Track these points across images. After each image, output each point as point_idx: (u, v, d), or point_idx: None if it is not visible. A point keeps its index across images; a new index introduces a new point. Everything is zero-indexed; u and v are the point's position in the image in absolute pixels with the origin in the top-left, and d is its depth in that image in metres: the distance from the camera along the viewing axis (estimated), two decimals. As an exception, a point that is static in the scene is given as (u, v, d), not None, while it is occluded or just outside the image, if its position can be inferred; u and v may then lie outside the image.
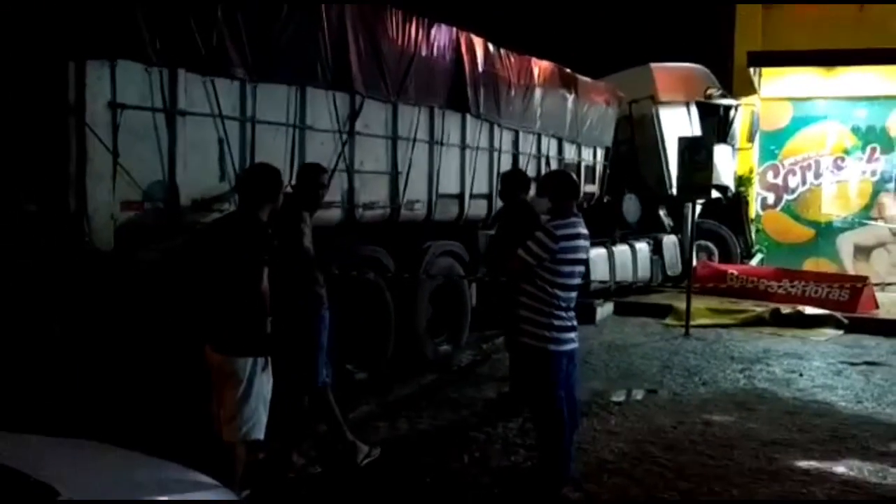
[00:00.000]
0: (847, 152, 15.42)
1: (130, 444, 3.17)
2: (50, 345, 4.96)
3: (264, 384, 4.31)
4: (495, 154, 8.98)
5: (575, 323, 5.02)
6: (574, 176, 5.85)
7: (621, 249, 12.01)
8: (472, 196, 8.55)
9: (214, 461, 4.02)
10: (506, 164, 9.14)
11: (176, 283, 5.16)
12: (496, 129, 8.95)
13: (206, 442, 4.36)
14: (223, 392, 4.29)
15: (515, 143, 9.47)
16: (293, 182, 5.62)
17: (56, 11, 4.69)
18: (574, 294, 4.98)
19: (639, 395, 7.41)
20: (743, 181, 15.28)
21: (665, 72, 13.72)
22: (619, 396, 7.32)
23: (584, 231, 5.00)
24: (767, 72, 15.62)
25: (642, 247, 12.56)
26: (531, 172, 9.26)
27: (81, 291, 4.96)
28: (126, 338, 5.01)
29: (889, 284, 13.67)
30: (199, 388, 4.57)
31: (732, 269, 13.05)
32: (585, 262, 5.23)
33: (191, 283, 4.76)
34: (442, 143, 7.96)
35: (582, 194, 11.02)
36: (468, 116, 8.34)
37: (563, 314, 4.89)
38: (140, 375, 5.06)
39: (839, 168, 15.50)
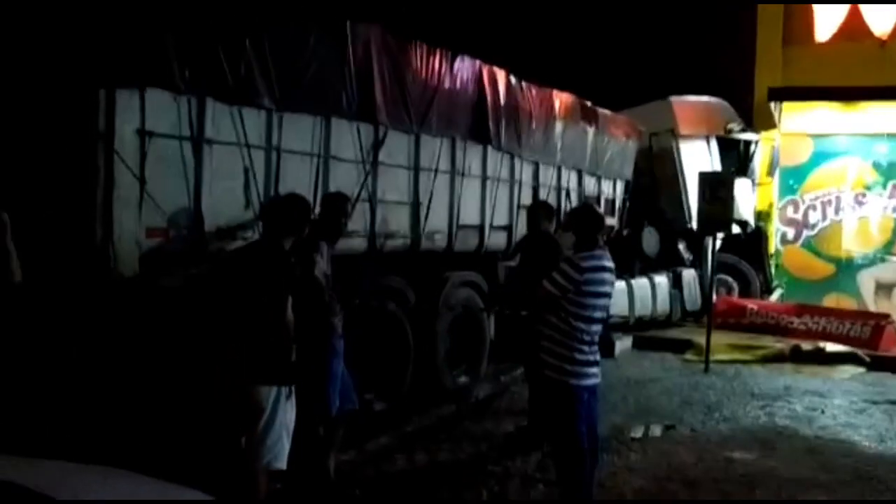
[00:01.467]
0: (868, 188, 15.34)
1: (146, 470, 3.17)
2: (68, 370, 4.97)
3: (288, 413, 4.32)
4: (516, 186, 9.00)
5: (598, 357, 4.98)
6: (599, 210, 5.84)
7: (641, 283, 11.97)
8: (492, 227, 8.56)
9: (236, 488, 4.01)
10: (526, 196, 9.15)
11: (198, 309, 5.18)
12: (517, 161, 8.98)
13: (225, 468, 4.35)
14: (246, 420, 4.29)
15: (536, 175, 9.49)
16: (317, 211, 5.65)
17: (87, 39, 4.76)
18: (597, 328, 4.94)
19: (658, 430, 7.33)
20: (762, 216, 15.22)
21: (685, 105, 13.75)
22: (637, 432, 7.24)
23: (610, 264, 4.98)
24: (788, 107, 15.61)
25: (662, 281, 12.51)
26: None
27: (104, 317, 4.98)
28: (147, 364, 5.01)
29: (911, 322, 13.52)
30: (220, 417, 4.56)
31: (752, 305, 12.97)
32: (609, 296, 5.20)
33: (214, 311, 4.77)
34: (463, 175, 7.98)
35: (602, 227, 11.00)
36: (489, 148, 8.36)
37: (586, 348, 4.86)
38: (160, 401, 5.06)
39: (860, 203, 15.41)
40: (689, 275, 13.23)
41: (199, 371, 5.02)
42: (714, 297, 12.42)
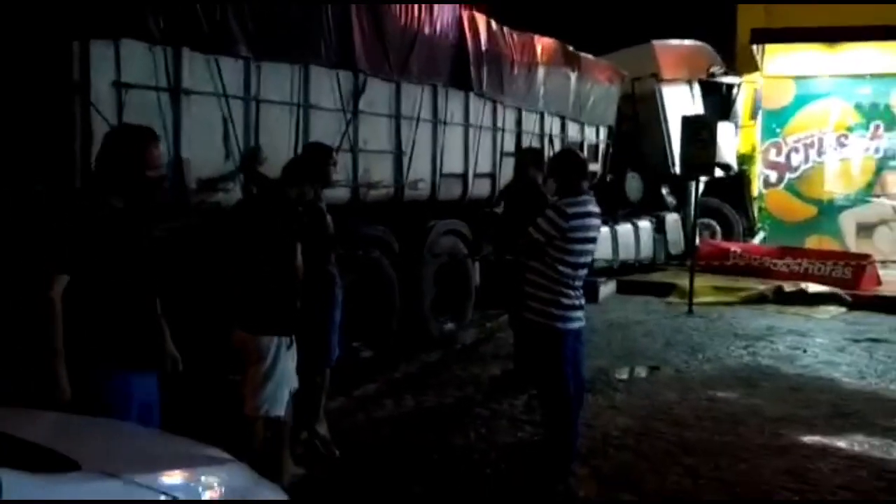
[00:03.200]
0: (850, 129, 15.38)
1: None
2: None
3: (288, 362, 4.37)
4: (499, 133, 8.96)
5: (583, 301, 5.02)
6: (582, 155, 5.84)
7: (624, 228, 12.03)
8: (475, 175, 8.54)
9: (236, 437, 4.06)
10: (509, 144, 9.13)
11: (184, 261, 5.17)
12: (499, 108, 8.94)
13: (227, 418, 4.39)
14: (247, 369, 4.34)
15: (519, 121, 9.45)
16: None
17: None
18: (583, 273, 4.98)
19: (642, 372, 7.45)
20: (745, 159, 15.25)
21: (668, 49, 13.69)
22: (622, 373, 7.35)
23: (596, 209, 4.99)
24: (770, 49, 15.53)
25: (645, 225, 12.58)
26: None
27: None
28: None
29: (892, 262, 13.71)
30: (212, 367, 4.59)
31: (735, 247, 13.07)
32: (594, 241, 5.22)
33: (219, 262, 4.79)
34: (445, 122, 7.94)
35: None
36: (471, 95, 8.32)
37: (572, 293, 4.90)
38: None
39: (842, 145, 15.46)
40: (672, 219, 13.30)
41: (185, 322, 5.04)
42: (697, 240, 12.50)
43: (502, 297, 7.97)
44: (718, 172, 12.71)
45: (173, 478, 2.37)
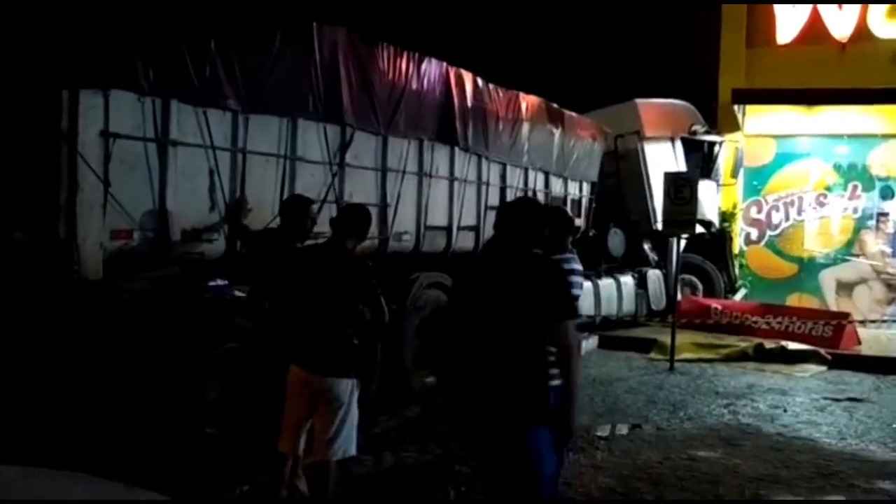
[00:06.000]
0: (829, 189, 15.60)
1: (112, 474, 3.15)
2: (34, 373, 4.92)
3: (356, 404, 4.49)
4: (483, 187, 9.04)
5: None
6: (569, 213, 5.90)
7: (606, 283, 12.06)
8: (460, 228, 8.59)
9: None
10: (494, 197, 9.20)
11: (163, 311, 5.15)
12: (484, 162, 9.03)
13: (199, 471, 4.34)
14: (323, 414, 4.42)
15: (503, 176, 9.54)
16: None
17: (51, 40, 4.72)
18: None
19: (624, 429, 7.41)
20: (727, 216, 15.40)
21: (650, 107, 13.88)
22: (603, 431, 7.31)
23: (579, 267, 5.02)
24: (751, 109, 15.84)
25: (627, 280, 12.62)
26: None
27: (69, 319, 4.94)
28: (113, 366, 4.98)
29: (872, 321, 13.82)
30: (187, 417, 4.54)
31: (716, 304, 13.12)
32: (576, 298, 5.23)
33: (281, 307, 4.85)
34: (431, 176, 8.01)
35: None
36: (457, 149, 8.41)
37: (552, 348, 4.88)
38: (125, 403, 5.02)
39: (821, 204, 15.67)
40: (654, 275, 13.35)
41: (162, 372, 5.01)
42: (679, 296, 12.57)
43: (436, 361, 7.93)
44: (700, 229, 12.80)
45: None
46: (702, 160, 13.94)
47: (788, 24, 15.31)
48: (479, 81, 8.72)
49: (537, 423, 3.48)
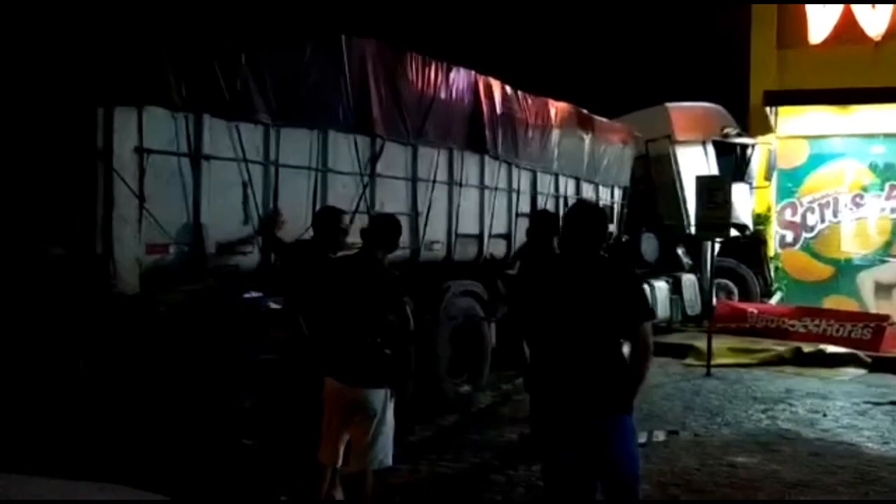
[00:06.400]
0: (865, 189, 15.37)
1: (147, 484, 3.19)
2: (75, 380, 5.01)
3: (392, 413, 4.52)
4: (514, 195, 9.03)
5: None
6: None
7: (640, 289, 11.94)
8: (491, 236, 8.58)
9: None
10: (525, 205, 9.19)
11: (199, 323, 5.21)
12: (514, 170, 9.02)
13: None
14: (358, 425, 4.46)
15: (534, 183, 9.53)
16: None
17: (85, 58, 4.80)
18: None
19: (661, 436, 7.34)
20: (761, 219, 15.24)
21: (681, 111, 13.80)
22: (641, 438, 7.22)
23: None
24: (784, 110, 15.66)
25: (661, 286, 12.51)
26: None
27: (107, 332, 5.01)
28: (150, 378, 5.04)
29: (912, 323, 13.53)
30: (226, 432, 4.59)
31: (752, 308, 12.97)
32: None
33: (315, 319, 4.96)
34: (461, 185, 8.02)
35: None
36: (487, 157, 8.41)
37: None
38: (163, 414, 5.08)
39: (858, 205, 15.43)
40: (688, 280, 13.24)
41: (204, 385, 5.07)
42: (714, 301, 12.44)
43: (518, 358, 7.92)
44: (734, 233, 12.67)
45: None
46: (734, 163, 13.80)
47: (821, 23, 15.12)
48: (508, 89, 8.72)
49: (628, 413, 3.80)
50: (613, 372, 3.75)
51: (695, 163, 13.17)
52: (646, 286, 11.94)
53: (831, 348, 11.00)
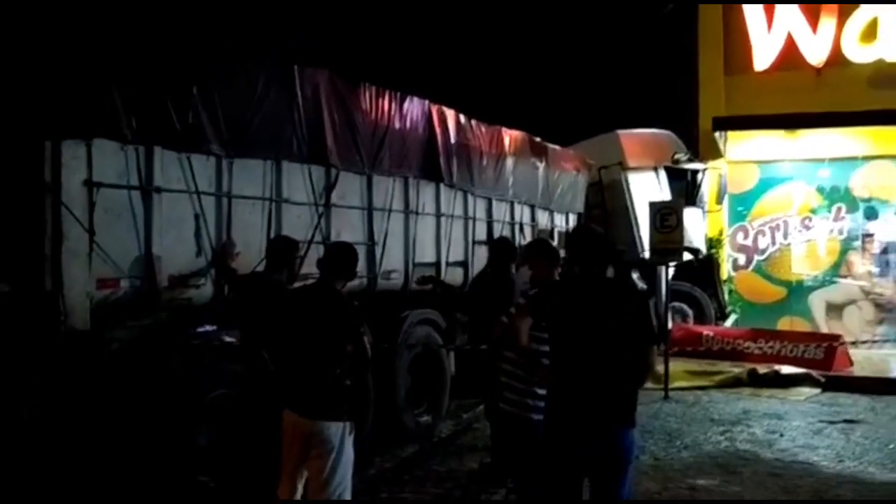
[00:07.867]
0: (814, 212, 15.71)
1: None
2: (19, 428, 4.85)
3: (350, 446, 4.44)
4: (470, 222, 9.04)
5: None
6: (554, 244, 5.89)
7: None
8: (448, 264, 8.57)
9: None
10: (481, 232, 9.21)
11: (152, 359, 5.10)
12: (470, 198, 9.04)
13: None
14: (315, 458, 4.38)
15: (489, 210, 9.56)
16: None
17: (32, 91, 4.72)
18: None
19: (621, 460, 7.33)
20: (714, 243, 15.47)
21: (632, 138, 13.99)
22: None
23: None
24: (733, 135, 15.98)
25: (617, 311, 12.55)
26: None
27: (56, 371, 4.87)
28: (102, 416, 4.91)
29: (863, 342, 13.84)
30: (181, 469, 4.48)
31: (708, 331, 13.11)
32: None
33: (274, 351, 4.92)
34: (417, 213, 8.02)
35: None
36: (442, 186, 8.42)
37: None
38: (115, 455, 4.95)
39: (807, 228, 15.76)
40: (644, 304, 13.31)
41: (158, 422, 4.95)
42: (670, 324, 12.54)
43: (479, 386, 7.89)
44: (687, 256, 12.83)
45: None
46: (686, 188, 14.00)
47: (764, 50, 15.51)
48: (462, 118, 8.77)
49: (634, 426, 4.04)
50: (628, 388, 3.98)
51: (647, 188, 13.34)
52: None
53: (786, 369, 11.15)
